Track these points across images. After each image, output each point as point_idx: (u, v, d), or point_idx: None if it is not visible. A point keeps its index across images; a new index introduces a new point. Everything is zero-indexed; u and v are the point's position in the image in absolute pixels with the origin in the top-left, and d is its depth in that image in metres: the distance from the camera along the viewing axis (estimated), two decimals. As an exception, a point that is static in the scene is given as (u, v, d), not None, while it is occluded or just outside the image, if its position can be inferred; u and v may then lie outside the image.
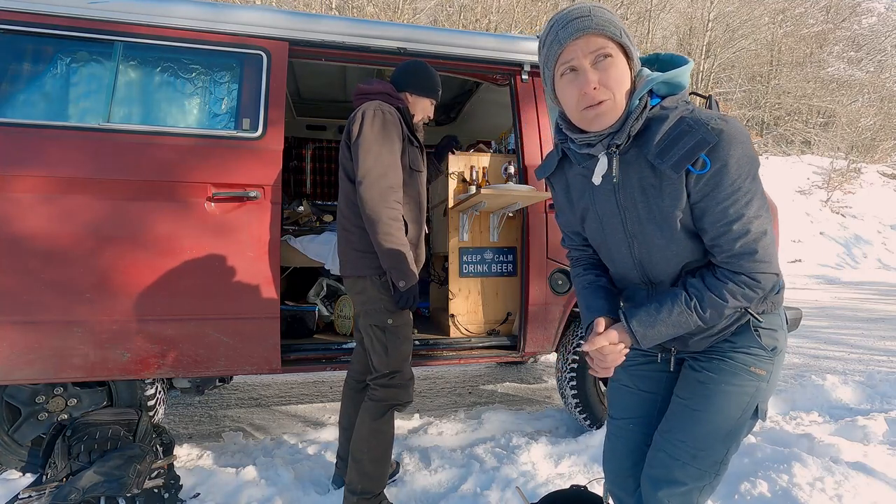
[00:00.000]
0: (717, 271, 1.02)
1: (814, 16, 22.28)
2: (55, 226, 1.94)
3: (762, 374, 1.08)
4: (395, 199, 1.75)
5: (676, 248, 1.04)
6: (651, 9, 19.28)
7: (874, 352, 4.90)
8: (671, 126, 0.98)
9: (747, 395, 1.08)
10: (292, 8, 13.70)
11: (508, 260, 2.92)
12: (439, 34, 2.47)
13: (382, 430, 1.84)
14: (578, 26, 0.96)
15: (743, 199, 0.95)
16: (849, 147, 19.11)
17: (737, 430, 1.10)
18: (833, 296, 9.58)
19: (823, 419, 2.91)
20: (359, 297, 1.88)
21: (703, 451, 1.10)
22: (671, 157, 0.96)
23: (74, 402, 2.19)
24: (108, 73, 2.08)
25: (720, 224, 0.97)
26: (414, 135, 1.94)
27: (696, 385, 1.12)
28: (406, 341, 1.86)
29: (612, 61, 0.97)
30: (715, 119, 0.95)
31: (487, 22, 16.44)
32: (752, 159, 0.96)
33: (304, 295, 3.33)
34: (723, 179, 0.95)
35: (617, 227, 1.10)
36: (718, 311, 1.01)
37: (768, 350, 1.09)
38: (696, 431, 1.10)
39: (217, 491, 2.05)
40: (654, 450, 1.16)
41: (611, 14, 0.98)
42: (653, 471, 1.15)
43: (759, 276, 0.99)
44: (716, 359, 1.11)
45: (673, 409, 1.15)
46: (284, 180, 4.17)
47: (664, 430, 1.15)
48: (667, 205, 1.01)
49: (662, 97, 1.02)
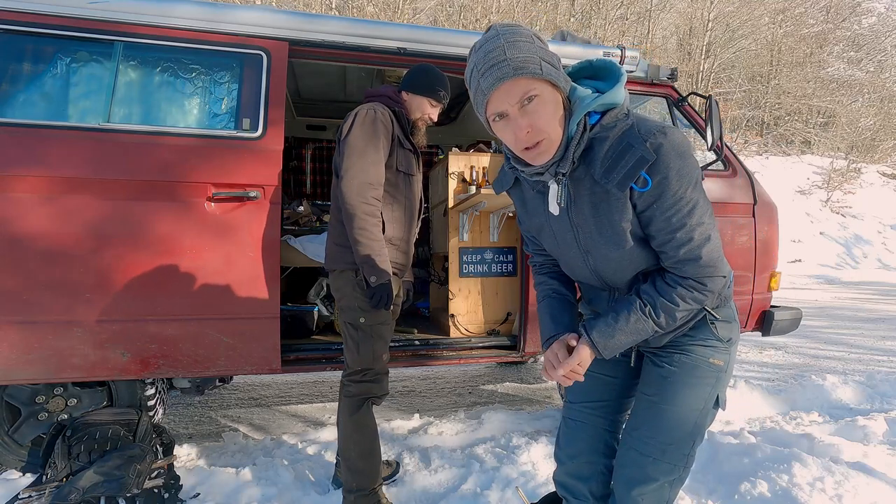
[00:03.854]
0: (666, 276, 1.06)
1: (814, 16, 22.26)
2: (55, 226, 1.94)
3: (720, 364, 1.13)
4: (374, 196, 1.78)
5: (630, 257, 1.08)
6: (651, 9, 19.27)
7: (874, 352, 4.90)
8: (613, 143, 0.99)
9: (709, 387, 1.13)
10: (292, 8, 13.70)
11: (508, 260, 2.92)
12: (439, 34, 2.47)
13: (363, 423, 1.86)
14: (497, 75, 0.93)
15: (685, 208, 0.98)
16: (849, 147, 19.11)
17: (701, 421, 1.14)
18: (833, 296, 9.58)
19: (823, 419, 2.92)
20: (337, 293, 1.92)
21: (672, 445, 1.13)
22: (615, 176, 0.98)
23: (74, 402, 2.19)
24: (108, 73, 2.08)
25: (664, 232, 1.01)
26: (408, 138, 1.95)
27: (659, 381, 1.15)
28: (378, 340, 1.87)
29: (540, 100, 0.95)
30: (654, 133, 0.96)
31: (487, 22, 16.43)
32: (692, 168, 0.98)
33: (304, 295, 3.33)
34: (664, 191, 0.97)
35: (571, 243, 1.13)
36: (671, 315, 1.05)
37: (724, 341, 1.13)
38: (663, 426, 1.13)
39: (217, 491, 2.05)
40: (625, 449, 1.18)
41: (526, 43, 0.94)
42: (625, 470, 1.17)
43: (705, 279, 1.03)
44: (676, 353, 1.14)
45: (639, 406, 1.18)
46: (284, 180, 4.17)
47: (632, 428, 1.17)
48: (616, 219, 1.04)
49: (602, 114, 1.02)
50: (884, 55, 22.80)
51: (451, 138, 4.31)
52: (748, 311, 2.84)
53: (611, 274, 1.13)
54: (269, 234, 2.15)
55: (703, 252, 1.00)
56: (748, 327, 2.89)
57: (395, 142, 1.88)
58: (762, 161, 18.10)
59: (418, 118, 2.01)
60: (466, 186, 2.88)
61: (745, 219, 2.81)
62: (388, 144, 1.85)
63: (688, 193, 0.98)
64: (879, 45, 23.08)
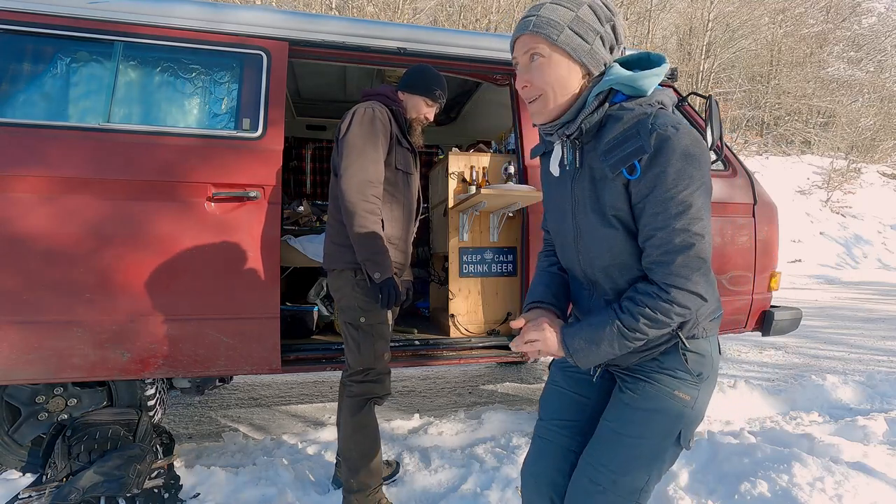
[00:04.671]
0: (639, 287, 1.01)
1: (814, 16, 22.26)
2: (55, 226, 1.94)
3: (686, 399, 1.06)
4: (373, 194, 1.78)
5: (611, 244, 1.04)
6: (651, 9, 19.27)
7: (874, 352, 4.90)
8: (625, 128, 0.99)
9: (669, 420, 1.06)
10: (292, 8, 13.70)
11: (508, 260, 2.92)
12: (439, 34, 2.47)
13: (364, 423, 1.86)
14: (522, 25, 1.02)
15: (674, 209, 0.94)
16: (849, 147, 19.11)
17: (659, 455, 1.08)
18: (833, 296, 9.58)
19: (823, 419, 2.92)
20: (336, 293, 1.91)
21: (624, 477, 1.06)
22: (611, 157, 0.99)
23: (74, 402, 2.19)
24: (108, 73, 2.08)
25: (648, 228, 0.98)
26: (406, 137, 1.96)
27: (621, 407, 1.10)
28: (379, 339, 1.87)
29: (545, 62, 1.01)
30: (666, 127, 0.94)
31: (487, 22, 16.44)
32: (696, 173, 0.94)
33: (304, 295, 3.32)
34: (657, 186, 0.95)
35: (567, 215, 1.12)
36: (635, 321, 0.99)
37: (694, 375, 1.06)
38: (618, 455, 1.07)
39: (217, 491, 2.05)
40: (578, 474, 1.13)
41: (567, 10, 1.00)
42: (574, 497, 1.12)
43: (671, 289, 0.96)
44: (641, 379, 1.09)
45: (599, 433, 1.13)
46: (284, 180, 4.18)
47: (588, 454, 1.12)
48: (607, 200, 1.02)
49: (628, 97, 1.03)
50: (884, 55, 22.80)
51: (451, 138, 4.31)
52: (748, 311, 2.84)
53: (591, 259, 1.09)
54: (269, 234, 2.14)
55: (678, 258, 0.94)
56: (748, 327, 2.89)
57: (393, 140, 1.88)
58: (762, 161, 18.11)
59: (415, 118, 2.01)
60: (466, 186, 2.88)
61: (744, 219, 2.81)
62: (386, 143, 1.85)
63: (682, 195, 0.94)
64: (879, 45, 23.08)
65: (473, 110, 3.96)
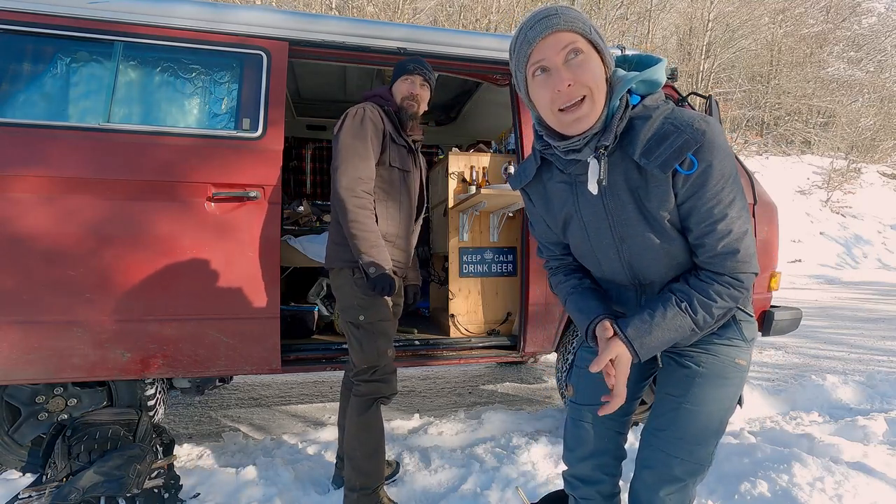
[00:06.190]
0: (700, 274, 1.03)
1: (814, 16, 22.26)
2: (55, 226, 1.94)
3: (743, 364, 1.12)
4: (364, 190, 1.80)
5: (667, 247, 1.04)
6: (651, 9, 19.27)
7: (874, 352, 4.90)
8: (657, 125, 0.98)
9: (735, 387, 1.12)
10: (292, 8, 13.70)
11: (508, 260, 2.92)
12: (439, 34, 2.47)
13: (370, 423, 1.86)
14: (546, 24, 0.94)
15: (727, 198, 0.97)
16: (849, 147, 19.11)
17: (725, 420, 1.13)
18: (833, 296, 9.58)
19: (823, 419, 2.92)
20: (337, 292, 1.92)
21: (699, 446, 1.11)
22: (658, 156, 0.95)
23: (74, 402, 2.19)
24: (108, 73, 2.08)
25: (705, 224, 0.98)
26: (401, 134, 1.96)
27: (685, 381, 1.12)
28: (381, 336, 1.87)
29: (585, 57, 0.95)
30: (697, 120, 0.96)
31: (487, 22, 16.44)
32: (732, 161, 0.98)
33: (304, 295, 3.33)
34: (708, 180, 0.96)
35: (604, 231, 1.09)
36: (709, 312, 1.01)
37: (748, 340, 1.12)
38: (691, 428, 1.11)
39: (217, 491, 2.05)
40: (651, 450, 1.15)
41: (580, 13, 0.98)
42: (652, 472, 1.15)
43: (741, 275, 1.00)
44: (702, 353, 1.11)
45: (665, 407, 1.14)
46: (284, 180, 4.18)
47: (657, 429, 1.15)
48: (654, 205, 1.00)
49: (642, 96, 1.02)
50: (884, 55, 22.80)
51: (451, 138, 4.31)
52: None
53: (644, 266, 1.08)
54: (269, 234, 2.15)
55: (741, 245, 0.98)
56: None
57: (387, 138, 1.90)
58: (762, 161, 18.11)
59: (403, 103, 1.97)
60: (466, 186, 2.88)
61: (745, 219, 2.80)
62: (378, 141, 1.87)
63: (729, 184, 0.96)
64: (879, 45, 23.08)
65: (473, 110, 3.96)
